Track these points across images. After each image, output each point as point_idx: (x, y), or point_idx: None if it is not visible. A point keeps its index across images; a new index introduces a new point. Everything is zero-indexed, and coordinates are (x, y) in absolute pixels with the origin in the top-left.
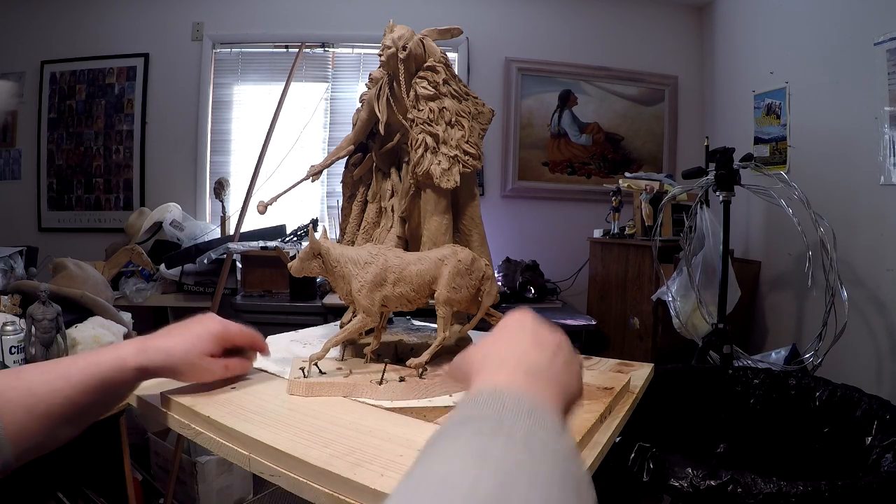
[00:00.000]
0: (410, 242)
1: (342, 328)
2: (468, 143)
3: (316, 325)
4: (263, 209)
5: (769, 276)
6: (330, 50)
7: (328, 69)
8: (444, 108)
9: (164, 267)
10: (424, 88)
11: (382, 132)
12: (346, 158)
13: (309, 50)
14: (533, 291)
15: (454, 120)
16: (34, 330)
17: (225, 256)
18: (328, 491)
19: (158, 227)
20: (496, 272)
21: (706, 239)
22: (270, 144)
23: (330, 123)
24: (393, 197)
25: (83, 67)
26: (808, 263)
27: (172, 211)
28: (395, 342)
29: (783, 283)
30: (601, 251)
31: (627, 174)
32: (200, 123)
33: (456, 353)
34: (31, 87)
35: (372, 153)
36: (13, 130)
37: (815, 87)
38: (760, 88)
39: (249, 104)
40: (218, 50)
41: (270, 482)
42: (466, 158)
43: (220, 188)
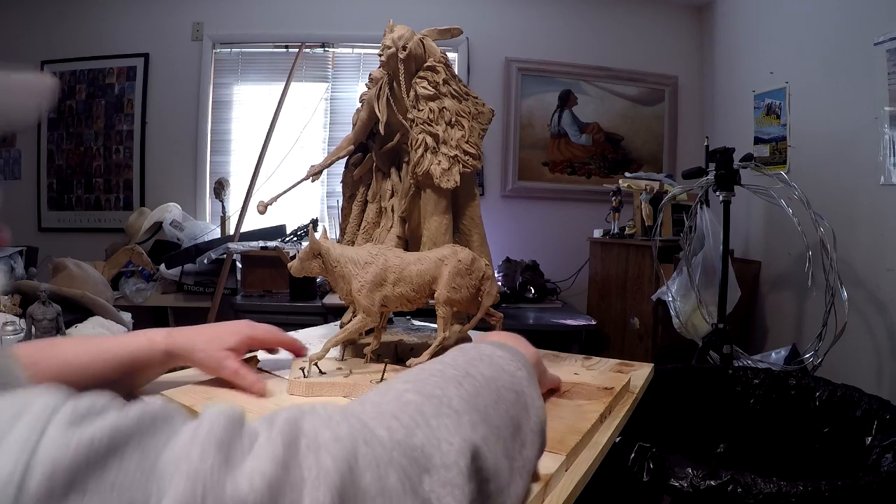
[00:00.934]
0: (410, 242)
1: (342, 328)
2: (468, 143)
3: (316, 325)
4: (263, 209)
5: (769, 276)
6: (330, 50)
7: (328, 69)
8: (444, 108)
9: (164, 267)
10: (424, 88)
11: (382, 132)
12: (346, 158)
13: (309, 50)
14: (533, 291)
15: (454, 120)
16: (34, 330)
17: (225, 256)
18: None
19: (158, 227)
20: (496, 272)
21: (706, 239)
22: (270, 144)
23: (330, 123)
24: (393, 197)
25: (83, 67)
26: (808, 263)
27: (172, 211)
28: (395, 342)
29: (783, 283)
30: (601, 251)
31: (627, 174)
32: (200, 123)
33: None
34: None
35: (372, 153)
36: None
37: (815, 87)
38: (760, 88)
39: (249, 104)
40: (218, 50)
41: None
42: (466, 158)
43: (220, 188)
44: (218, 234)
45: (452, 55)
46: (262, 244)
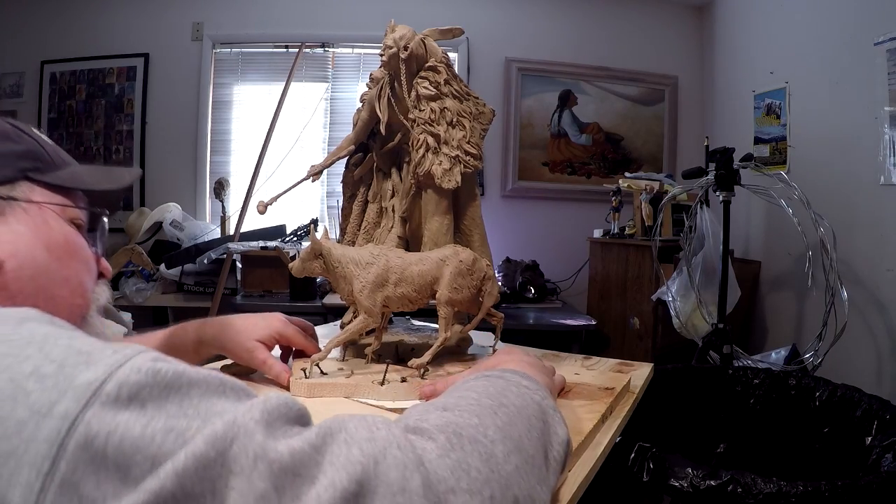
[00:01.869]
0: (411, 243)
1: (342, 328)
2: (469, 143)
3: (316, 325)
4: (263, 209)
5: (769, 276)
6: (330, 50)
7: (328, 69)
8: (445, 108)
9: (164, 267)
10: (426, 89)
11: (384, 132)
12: (346, 158)
13: (309, 50)
14: (533, 291)
15: (455, 120)
16: None
17: (225, 256)
18: None
19: (158, 227)
20: (496, 272)
21: (706, 239)
22: (270, 144)
23: (330, 123)
24: (393, 197)
25: (83, 67)
26: (808, 263)
27: (172, 211)
28: (395, 342)
29: (783, 283)
30: (601, 251)
31: (627, 174)
32: (200, 123)
33: (456, 353)
34: (31, 87)
35: (372, 153)
36: None
37: (815, 87)
38: (760, 88)
39: (249, 104)
40: (218, 50)
41: None
42: (468, 159)
43: (220, 188)
44: (218, 234)
45: (452, 55)
46: (262, 244)
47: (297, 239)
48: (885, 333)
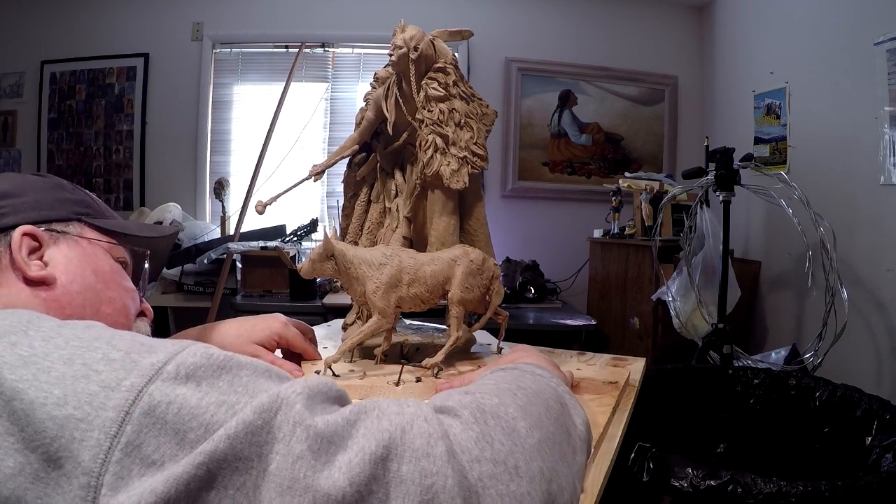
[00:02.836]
0: (416, 243)
1: (344, 329)
2: (476, 144)
3: (316, 325)
4: (262, 209)
5: (769, 276)
6: (330, 50)
7: (328, 69)
8: (453, 109)
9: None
10: (435, 90)
11: (391, 132)
12: (348, 158)
13: (309, 50)
14: (533, 291)
15: (463, 121)
16: None
17: (225, 256)
18: None
19: None
20: None
21: (706, 239)
22: (270, 144)
23: (330, 123)
24: (397, 197)
25: (83, 67)
26: (808, 263)
27: (172, 211)
28: (400, 342)
29: (783, 283)
30: (601, 251)
31: (627, 174)
32: (200, 123)
33: (463, 351)
34: (31, 87)
35: (376, 153)
36: (13, 130)
37: (815, 87)
38: (760, 88)
39: (249, 104)
40: (218, 50)
41: None
42: (475, 160)
43: (220, 188)
44: (218, 234)
45: None
46: (261, 244)
47: (296, 239)
48: (885, 333)
